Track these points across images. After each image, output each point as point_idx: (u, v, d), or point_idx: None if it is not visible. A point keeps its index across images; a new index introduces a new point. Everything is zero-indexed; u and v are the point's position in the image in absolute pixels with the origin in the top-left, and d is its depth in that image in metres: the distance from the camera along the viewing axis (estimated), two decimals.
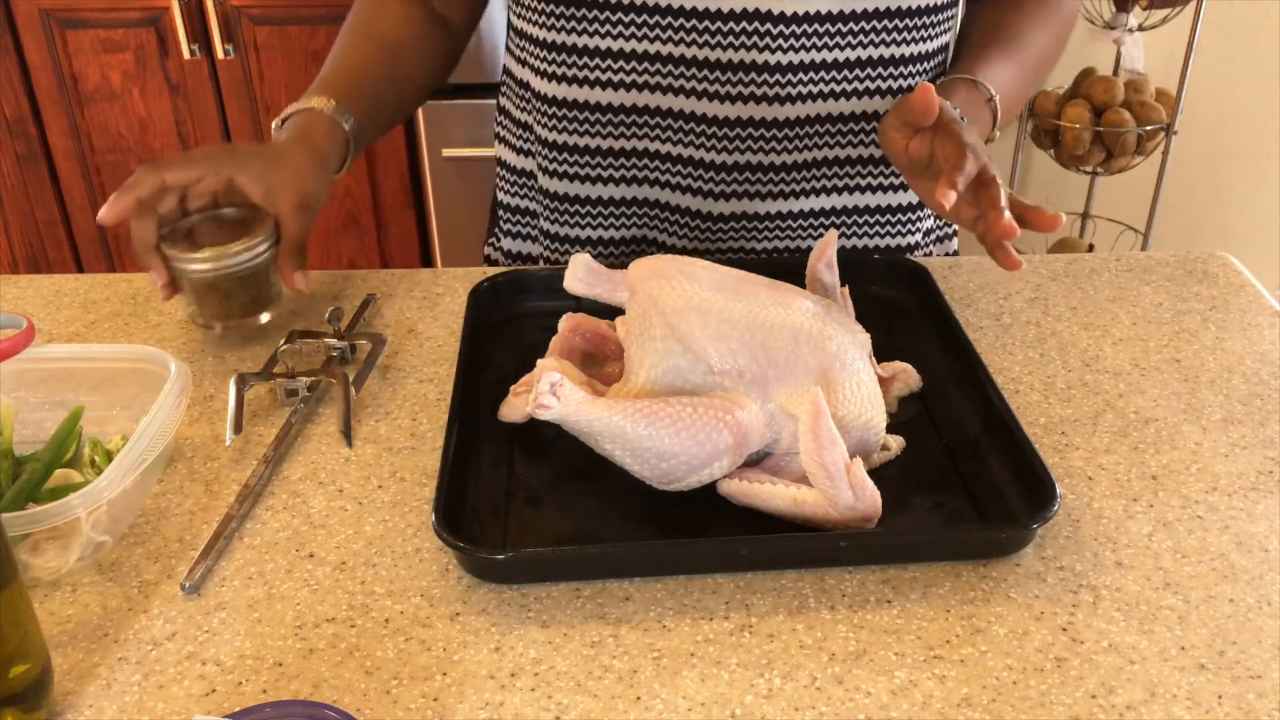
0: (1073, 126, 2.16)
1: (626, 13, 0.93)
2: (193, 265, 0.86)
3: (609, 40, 0.95)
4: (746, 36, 0.92)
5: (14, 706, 0.57)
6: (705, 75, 0.94)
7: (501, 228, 1.16)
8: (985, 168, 0.80)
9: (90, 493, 0.66)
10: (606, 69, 0.96)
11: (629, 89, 0.97)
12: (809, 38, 0.92)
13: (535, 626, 0.65)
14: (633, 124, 0.99)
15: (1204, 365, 0.89)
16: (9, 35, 2.06)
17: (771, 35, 0.92)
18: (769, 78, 0.94)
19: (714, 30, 0.92)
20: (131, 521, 0.73)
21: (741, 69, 0.93)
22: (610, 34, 0.94)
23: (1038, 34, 1.01)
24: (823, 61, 0.94)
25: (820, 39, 0.93)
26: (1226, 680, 0.62)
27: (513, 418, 0.79)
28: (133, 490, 0.70)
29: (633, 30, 0.93)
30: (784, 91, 0.95)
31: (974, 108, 0.93)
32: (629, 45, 0.94)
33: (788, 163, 1.00)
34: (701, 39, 0.93)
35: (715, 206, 1.02)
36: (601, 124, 1.00)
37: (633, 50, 0.94)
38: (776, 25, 0.91)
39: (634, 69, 0.95)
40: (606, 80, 0.97)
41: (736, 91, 0.95)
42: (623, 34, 0.94)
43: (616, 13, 0.93)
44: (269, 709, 0.57)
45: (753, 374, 0.73)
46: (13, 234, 2.26)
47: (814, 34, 0.92)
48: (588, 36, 0.95)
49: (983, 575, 0.69)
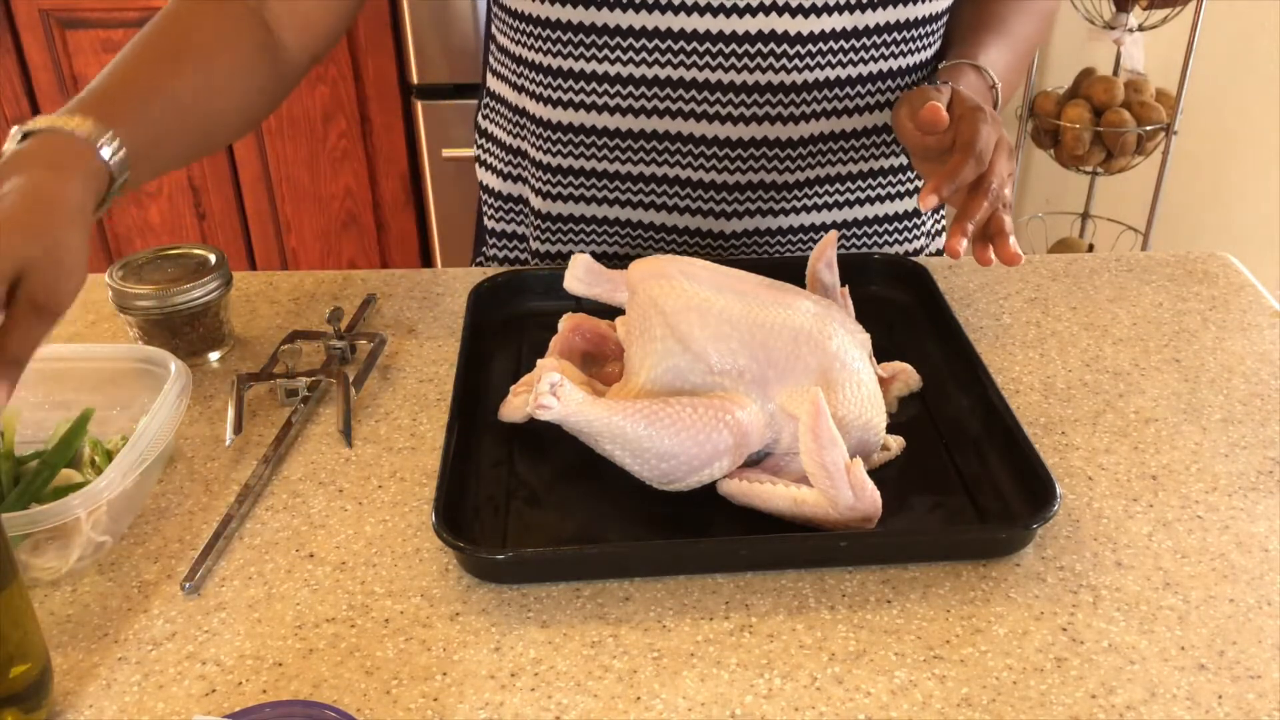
0: (1073, 126, 2.16)
1: (637, 38, 0.91)
2: (141, 301, 0.86)
3: (617, 66, 0.93)
4: (762, 59, 0.91)
5: (14, 706, 0.57)
6: (717, 98, 0.93)
7: (487, 253, 1.14)
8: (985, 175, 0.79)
9: (90, 493, 0.66)
10: (615, 94, 0.94)
11: (637, 114, 0.95)
12: (820, 56, 0.92)
13: (535, 626, 0.65)
14: (640, 149, 0.97)
15: (1204, 365, 0.89)
16: (9, 35, 2.06)
17: (786, 56, 0.91)
18: (782, 98, 0.93)
19: (726, 53, 0.91)
20: (131, 521, 0.73)
21: (754, 90, 0.93)
22: (620, 60, 0.92)
23: (1025, 21, 1.01)
24: (833, 79, 0.93)
25: (830, 57, 0.92)
26: (1226, 680, 0.62)
27: (513, 418, 0.79)
28: (133, 490, 0.70)
29: (642, 56, 0.92)
30: (795, 111, 0.94)
31: (979, 95, 0.92)
32: (638, 71, 0.92)
33: (795, 180, 0.99)
34: (715, 62, 0.91)
35: (720, 225, 1.01)
36: (608, 149, 0.98)
37: (641, 76, 0.93)
38: (790, 46, 0.90)
39: (642, 95, 0.94)
40: (615, 106, 0.95)
41: (749, 113, 0.94)
42: (632, 60, 0.92)
43: (625, 38, 0.91)
44: (269, 709, 0.57)
45: (753, 374, 0.73)
46: None
47: (824, 52, 0.92)
48: (595, 63, 0.93)
49: (983, 575, 0.69)
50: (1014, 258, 0.78)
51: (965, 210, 0.78)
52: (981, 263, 0.79)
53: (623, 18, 0.90)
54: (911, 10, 0.92)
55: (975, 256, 0.80)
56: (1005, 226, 0.79)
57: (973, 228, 0.78)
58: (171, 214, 2.25)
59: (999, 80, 0.93)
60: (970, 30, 0.98)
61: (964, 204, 0.79)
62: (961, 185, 0.79)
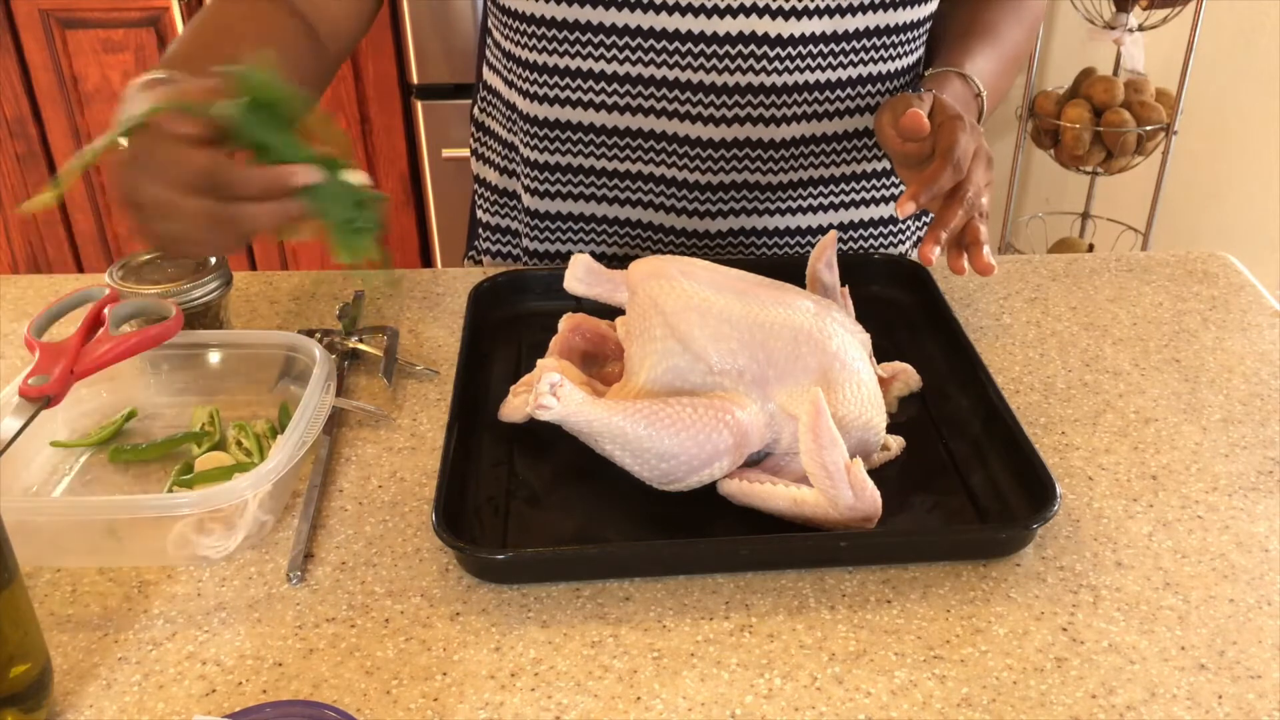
0: (1073, 126, 2.16)
1: (620, 36, 0.91)
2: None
3: (601, 63, 0.93)
4: (743, 60, 0.91)
5: (14, 706, 0.57)
6: (699, 99, 0.93)
7: (480, 246, 1.14)
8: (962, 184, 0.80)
9: (259, 474, 0.68)
10: (600, 92, 0.95)
11: (620, 112, 0.96)
12: (801, 59, 0.92)
13: (535, 626, 0.65)
14: (625, 146, 0.98)
15: (1204, 365, 0.89)
16: (9, 35, 2.06)
17: (767, 58, 0.91)
18: (763, 100, 0.94)
19: (708, 54, 0.91)
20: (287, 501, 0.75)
21: (734, 91, 0.93)
22: (604, 57, 0.93)
23: (1014, 28, 1.01)
24: (814, 82, 0.94)
25: (812, 60, 0.92)
26: (1226, 680, 0.62)
27: (513, 418, 0.79)
28: (289, 474, 0.71)
29: (626, 54, 0.92)
30: (776, 113, 0.95)
31: (963, 103, 0.93)
32: (622, 69, 0.93)
33: (777, 182, 1.00)
34: (697, 62, 0.92)
35: (704, 225, 1.01)
36: (593, 145, 0.98)
37: (625, 74, 0.93)
38: (770, 48, 0.91)
39: (626, 92, 0.94)
40: (600, 103, 0.96)
41: (730, 114, 0.94)
42: (616, 57, 0.93)
43: (612, 36, 0.92)
44: (269, 709, 0.57)
45: (753, 374, 0.73)
46: (13, 234, 2.26)
47: (806, 55, 0.92)
48: (580, 59, 0.94)
49: (983, 575, 0.69)
50: (987, 268, 0.79)
51: (941, 218, 0.79)
52: (955, 271, 0.80)
53: (606, 15, 0.90)
54: (893, 16, 0.92)
55: (949, 265, 0.80)
56: (980, 235, 0.80)
57: (947, 235, 0.78)
58: None
59: (985, 89, 0.93)
60: (958, 38, 0.99)
61: (940, 212, 0.80)
62: (939, 192, 0.79)
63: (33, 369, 0.71)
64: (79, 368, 0.71)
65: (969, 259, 0.80)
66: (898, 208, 0.78)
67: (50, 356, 0.71)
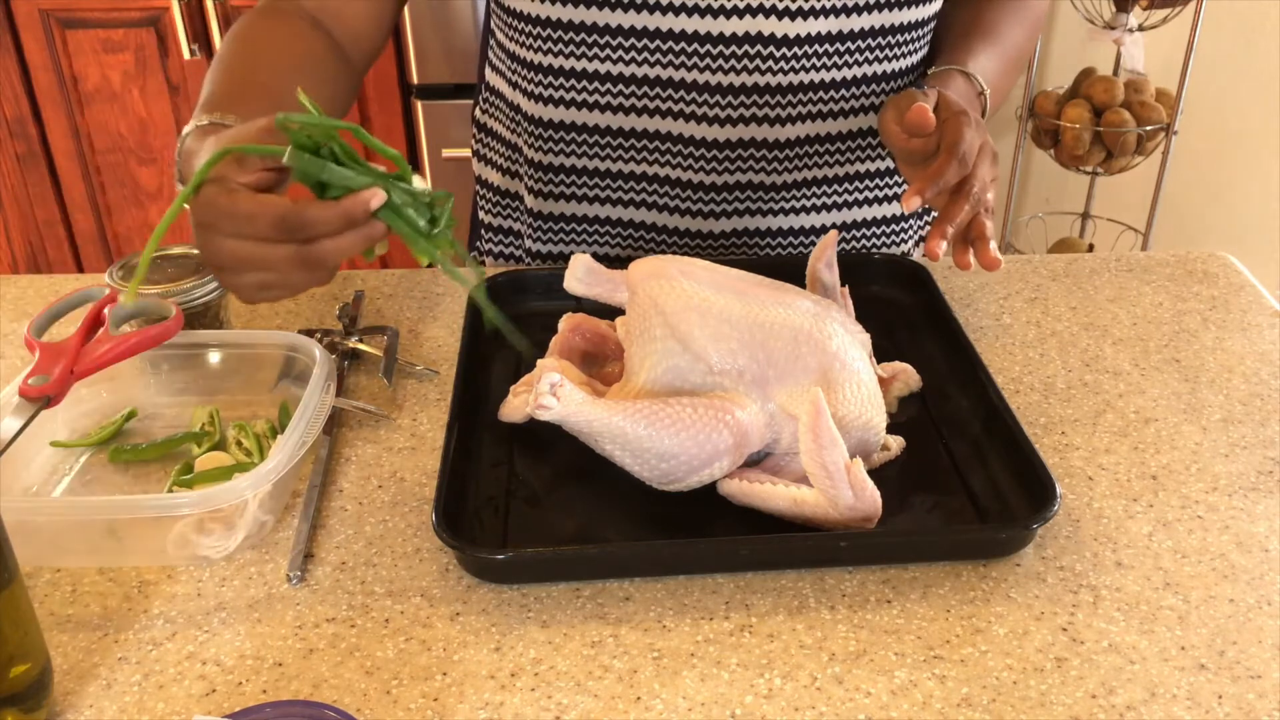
0: (1073, 126, 2.16)
1: (625, 37, 0.91)
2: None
3: (606, 65, 0.93)
4: (749, 60, 0.91)
5: (14, 706, 0.57)
6: (704, 99, 0.93)
7: (482, 247, 1.14)
8: (968, 179, 0.80)
9: (259, 474, 0.67)
10: (605, 93, 0.95)
11: (626, 113, 0.95)
12: (806, 59, 0.92)
13: (535, 626, 0.65)
14: (629, 147, 0.98)
15: (1204, 365, 0.89)
16: (9, 35, 2.06)
17: (772, 58, 0.91)
18: (768, 99, 0.93)
19: (713, 54, 0.91)
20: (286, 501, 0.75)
21: (739, 92, 0.93)
22: (609, 59, 0.93)
23: (1015, 28, 1.01)
24: (819, 82, 0.93)
25: (817, 60, 0.92)
26: (1226, 680, 0.62)
27: (513, 418, 0.79)
28: (289, 474, 0.71)
29: (631, 55, 0.92)
30: (781, 113, 0.95)
31: (966, 101, 0.93)
32: (627, 70, 0.93)
33: (782, 182, 0.99)
34: (702, 63, 0.92)
35: (708, 226, 1.01)
36: (598, 146, 0.98)
37: (630, 75, 0.93)
38: (775, 48, 0.91)
39: (631, 93, 0.94)
40: (605, 104, 0.95)
41: (735, 114, 0.94)
42: (621, 59, 0.92)
43: (616, 37, 0.91)
44: (269, 709, 0.57)
45: (753, 374, 0.73)
46: (13, 234, 2.26)
47: (811, 55, 0.92)
48: (585, 61, 0.93)
49: (983, 575, 0.69)
50: (994, 263, 0.79)
51: (946, 213, 0.79)
52: (961, 266, 0.80)
53: (611, 16, 0.90)
54: (898, 15, 0.92)
55: (955, 260, 0.80)
56: (986, 231, 0.80)
57: (953, 231, 0.78)
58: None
59: (988, 87, 0.93)
60: (961, 37, 0.99)
61: (945, 207, 0.80)
62: (944, 188, 0.79)
63: (33, 369, 0.71)
64: (79, 368, 0.71)
65: (975, 254, 0.80)
66: (903, 202, 0.78)
67: (50, 356, 0.71)
